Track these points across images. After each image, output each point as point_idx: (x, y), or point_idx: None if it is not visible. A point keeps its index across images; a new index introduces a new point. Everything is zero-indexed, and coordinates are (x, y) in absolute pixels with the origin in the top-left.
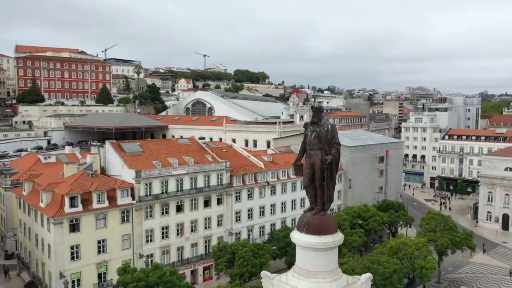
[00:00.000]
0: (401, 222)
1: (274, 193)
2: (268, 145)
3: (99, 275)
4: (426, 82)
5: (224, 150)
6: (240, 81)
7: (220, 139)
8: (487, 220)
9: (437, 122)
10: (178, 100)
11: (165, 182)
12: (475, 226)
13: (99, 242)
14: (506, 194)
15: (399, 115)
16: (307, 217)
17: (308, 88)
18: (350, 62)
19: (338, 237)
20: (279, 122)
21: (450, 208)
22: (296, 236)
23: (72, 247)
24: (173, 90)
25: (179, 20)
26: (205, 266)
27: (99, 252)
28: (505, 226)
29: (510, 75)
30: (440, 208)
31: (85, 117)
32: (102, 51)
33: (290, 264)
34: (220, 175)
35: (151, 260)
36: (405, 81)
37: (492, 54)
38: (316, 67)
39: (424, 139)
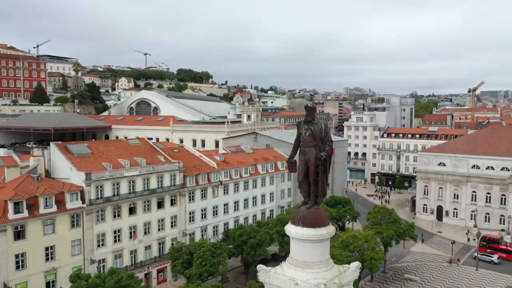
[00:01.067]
0: (348, 217)
1: (227, 192)
2: (217, 145)
3: (47, 284)
4: (362, 83)
5: (176, 151)
6: (183, 81)
7: (167, 139)
8: (424, 212)
9: (376, 121)
10: (119, 100)
11: (117, 184)
12: (413, 218)
13: (47, 249)
14: (440, 188)
15: (339, 115)
16: (302, 211)
17: (251, 88)
18: (292, 62)
19: (331, 229)
20: (227, 122)
21: (388, 202)
22: (292, 230)
23: (17, 256)
24: (113, 89)
25: (117, 17)
26: (159, 269)
27: (47, 259)
28: (439, 217)
29: (437, 77)
30: (381, 202)
31: (19, 117)
32: (34, 47)
33: (246, 262)
34: (173, 176)
35: (103, 265)
36: (343, 82)
37: (421, 57)
38: (259, 67)
39: (365, 137)
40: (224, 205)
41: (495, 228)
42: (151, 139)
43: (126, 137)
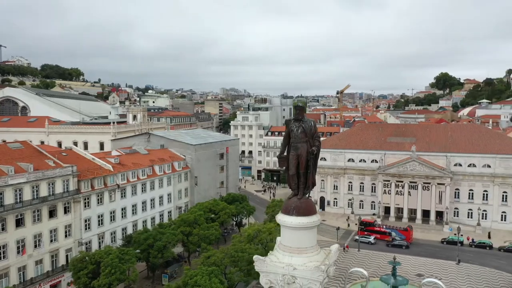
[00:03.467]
0: (245, 212)
1: (124, 196)
2: (102, 147)
3: None
4: (237, 83)
5: (64, 154)
6: (50, 77)
7: (42, 142)
8: None
9: (260, 120)
10: None
11: (1, 194)
12: None
13: None
14: (322, 180)
15: (220, 114)
16: (294, 201)
17: (126, 86)
18: (168, 62)
19: (318, 216)
20: (113, 123)
21: (274, 196)
22: (287, 219)
23: None
24: None
25: None
26: (52, 284)
27: None
28: (322, 207)
29: (304, 79)
30: (270, 197)
31: None
32: None
33: (152, 266)
34: (66, 181)
35: None
36: (219, 82)
37: (291, 60)
38: (134, 66)
39: (251, 136)
40: (122, 209)
41: (368, 213)
42: None
43: (4, 141)
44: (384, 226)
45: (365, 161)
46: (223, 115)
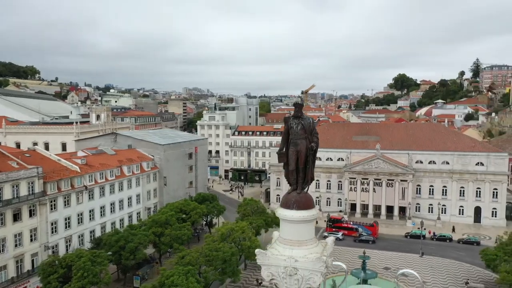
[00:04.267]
0: (215, 212)
1: (92, 197)
2: (64, 148)
3: None
4: (200, 83)
5: (28, 155)
6: (3, 75)
7: None
8: (277, 202)
9: (227, 120)
10: None
11: None
12: (268, 208)
13: None
14: None
15: (184, 114)
16: (294, 196)
17: (85, 85)
18: (129, 61)
19: (317, 210)
20: (76, 123)
21: (243, 195)
22: (288, 213)
23: None
24: None
25: None
26: None
27: None
28: None
29: (268, 79)
30: (238, 197)
31: None
32: None
33: (124, 268)
34: (32, 183)
35: None
36: (182, 82)
37: (255, 60)
38: (93, 64)
39: (218, 135)
40: (90, 211)
41: (335, 210)
42: None
43: None
44: (352, 222)
45: (331, 160)
46: (187, 114)
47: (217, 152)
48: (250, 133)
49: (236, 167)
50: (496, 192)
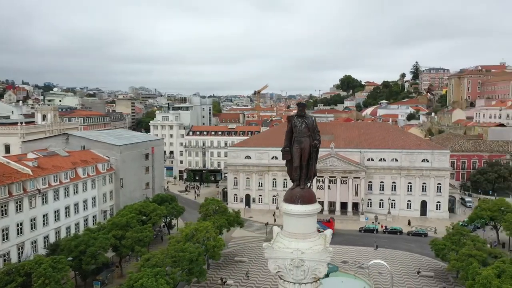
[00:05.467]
0: (175, 213)
1: (46, 201)
2: (7, 150)
3: None
4: (148, 82)
5: None
6: None
7: None
8: (235, 201)
9: (181, 120)
10: None
11: None
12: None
13: None
14: (247, 178)
15: (132, 114)
16: (298, 191)
17: (23, 83)
18: (70, 58)
19: (319, 204)
20: (21, 123)
21: (199, 195)
22: (293, 208)
23: None
24: None
25: None
26: None
27: None
28: (248, 204)
29: (217, 79)
30: (194, 197)
31: None
32: None
33: (84, 273)
34: None
35: None
36: (129, 81)
37: (204, 60)
38: (31, 61)
39: (172, 135)
40: (44, 216)
41: None
42: None
43: None
44: None
45: None
46: (136, 114)
47: (171, 152)
48: (205, 133)
49: (191, 168)
50: (440, 187)
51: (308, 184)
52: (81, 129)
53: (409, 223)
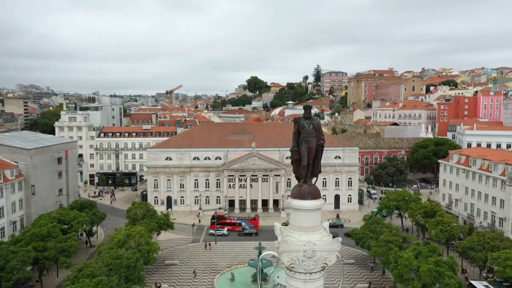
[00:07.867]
0: (96, 220)
1: None
2: None
3: None
4: (38, 80)
5: None
6: None
7: None
8: (155, 203)
9: (90, 121)
10: None
11: None
12: None
13: None
14: (168, 180)
15: (25, 115)
16: (307, 188)
17: None
18: None
19: (323, 200)
20: None
21: (115, 200)
22: (303, 203)
23: None
24: None
25: None
26: None
27: None
28: (169, 206)
29: (120, 78)
30: (111, 202)
31: None
32: None
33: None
34: None
35: None
36: (14, 77)
37: (106, 58)
38: None
39: (80, 137)
40: None
41: (214, 208)
42: None
43: None
44: (235, 218)
45: (209, 159)
46: (30, 115)
47: (81, 155)
48: (118, 134)
49: (103, 171)
50: (351, 181)
51: (314, 181)
52: None
53: (337, 217)
